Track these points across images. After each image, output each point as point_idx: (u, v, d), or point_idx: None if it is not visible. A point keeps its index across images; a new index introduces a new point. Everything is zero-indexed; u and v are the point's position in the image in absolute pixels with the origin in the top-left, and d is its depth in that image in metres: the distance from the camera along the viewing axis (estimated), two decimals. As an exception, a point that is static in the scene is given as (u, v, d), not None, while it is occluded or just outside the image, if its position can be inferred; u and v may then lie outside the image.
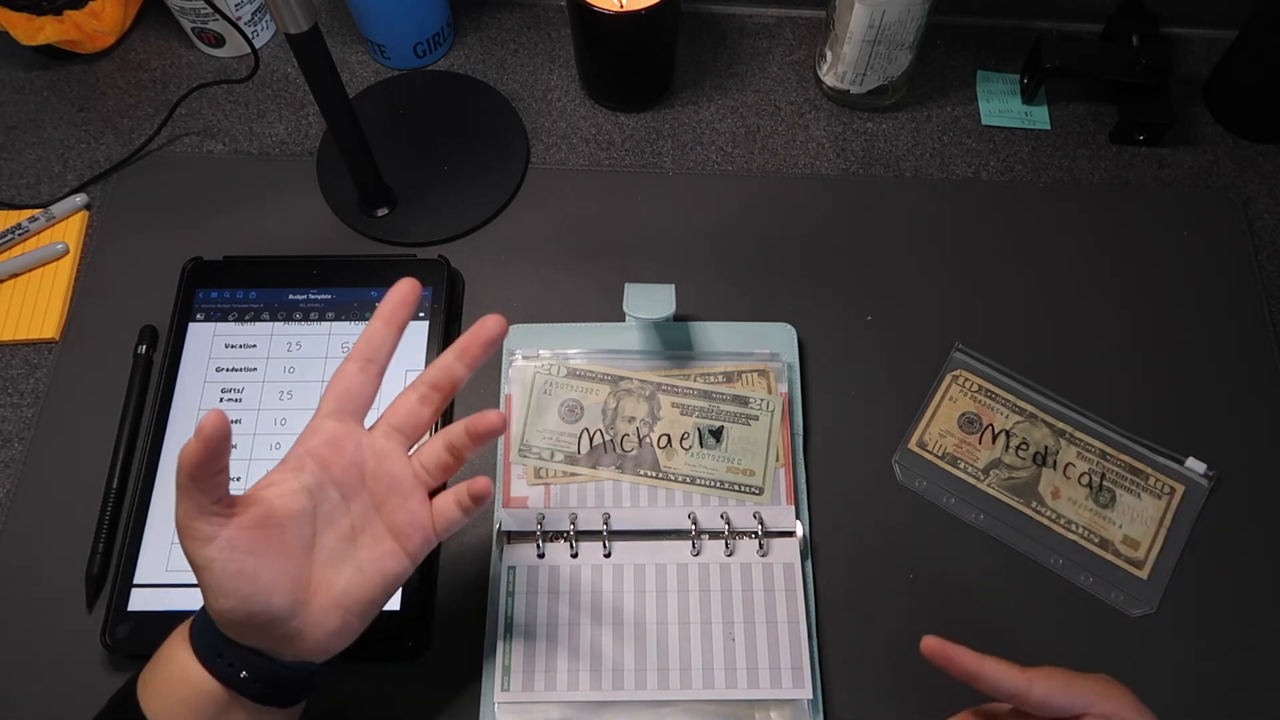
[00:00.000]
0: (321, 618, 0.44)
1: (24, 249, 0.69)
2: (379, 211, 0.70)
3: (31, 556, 0.59)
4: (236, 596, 0.41)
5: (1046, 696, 0.42)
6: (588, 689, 0.54)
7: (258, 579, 0.41)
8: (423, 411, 0.48)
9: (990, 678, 0.43)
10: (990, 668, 0.43)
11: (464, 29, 0.79)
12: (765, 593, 0.57)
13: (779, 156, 0.74)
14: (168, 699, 0.43)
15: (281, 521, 0.43)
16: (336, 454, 0.46)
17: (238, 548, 0.41)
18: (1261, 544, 0.60)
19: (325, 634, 0.44)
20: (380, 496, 0.46)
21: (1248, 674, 0.57)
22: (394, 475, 0.46)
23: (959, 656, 0.43)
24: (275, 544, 0.43)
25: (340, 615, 0.44)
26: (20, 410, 0.64)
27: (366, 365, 0.48)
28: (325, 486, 0.45)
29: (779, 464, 0.60)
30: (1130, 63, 0.71)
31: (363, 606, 0.45)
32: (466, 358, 0.48)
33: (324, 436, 0.46)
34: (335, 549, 0.45)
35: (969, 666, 0.43)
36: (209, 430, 0.40)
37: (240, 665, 0.42)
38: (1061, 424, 0.63)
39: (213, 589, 0.41)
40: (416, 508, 0.46)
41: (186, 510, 0.41)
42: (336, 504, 0.45)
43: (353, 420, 0.47)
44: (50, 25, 0.73)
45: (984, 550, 0.60)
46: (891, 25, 0.67)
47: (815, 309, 0.67)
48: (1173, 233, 0.70)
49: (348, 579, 0.45)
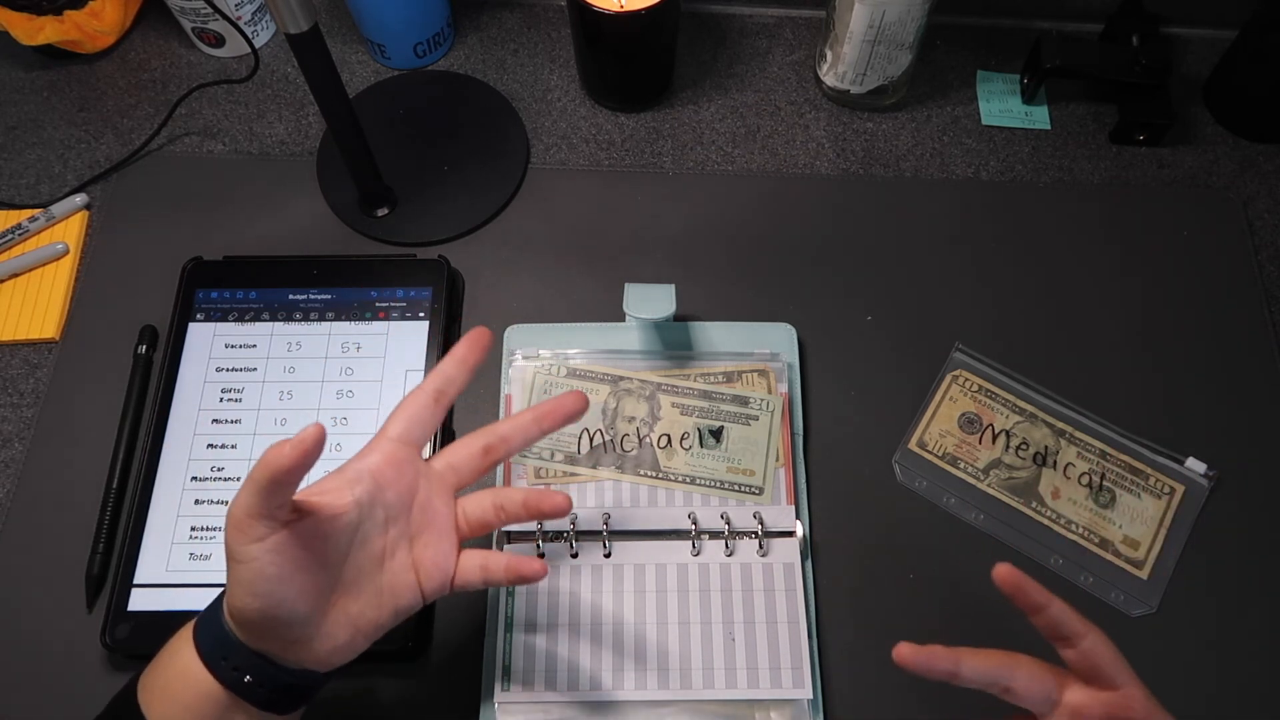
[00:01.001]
0: (333, 630, 0.44)
1: (24, 249, 0.69)
2: (379, 211, 0.70)
3: (31, 556, 0.59)
4: (266, 599, 0.41)
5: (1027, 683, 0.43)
6: (588, 689, 0.54)
7: (291, 585, 0.41)
8: (482, 462, 0.49)
9: (971, 673, 0.43)
10: (970, 661, 0.43)
11: (464, 29, 0.79)
12: (765, 593, 0.57)
13: (779, 156, 0.74)
14: (169, 702, 0.43)
15: (326, 534, 0.43)
16: (396, 477, 0.46)
17: (282, 554, 0.41)
18: (1261, 544, 0.60)
19: (332, 647, 0.44)
20: (418, 528, 0.47)
21: (1248, 674, 0.57)
22: (438, 512, 0.47)
23: (936, 657, 0.43)
24: (316, 555, 0.43)
25: (350, 632, 0.44)
26: (20, 410, 0.64)
27: (439, 396, 0.48)
28: (374, 505, 0.45)
29: (779, 464, 0.60)
30: (1130, 63, 0.71)
31: (371, 629, 0.45)
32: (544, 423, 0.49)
33: (386, 457, 0.46)
34: (363, 568, 0.45)
35: (946, 667, 0.43)
36: (311, 441, 0.39)
37: (245, 669, 0.42)
38: (1061, 424, 0.63)
39: (245, 585, 0.41)
40: (447, 550, 0.47)
41: (248, 506, 0.40)
42: (378, 525, 0.46)
43: (415, 447, 0.48)
44: (50, 25, 0.73)
45: (984, 550, 0.60)
46: (891, 25, 0.67)
47: (815, 309, 0.67)
48: (1173, 233, 0.70)
49: (364, 602, 0.45)
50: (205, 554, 0.58)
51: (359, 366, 0.63)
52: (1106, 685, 0.43)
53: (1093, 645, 0.43)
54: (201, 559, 0.58)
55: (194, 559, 0.58)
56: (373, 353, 0.64)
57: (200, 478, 0.60)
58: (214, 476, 0.60)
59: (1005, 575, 0.43)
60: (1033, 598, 0.43)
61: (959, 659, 0.43)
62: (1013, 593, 0.44)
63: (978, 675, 0.43)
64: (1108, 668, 0.43)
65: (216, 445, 0.61)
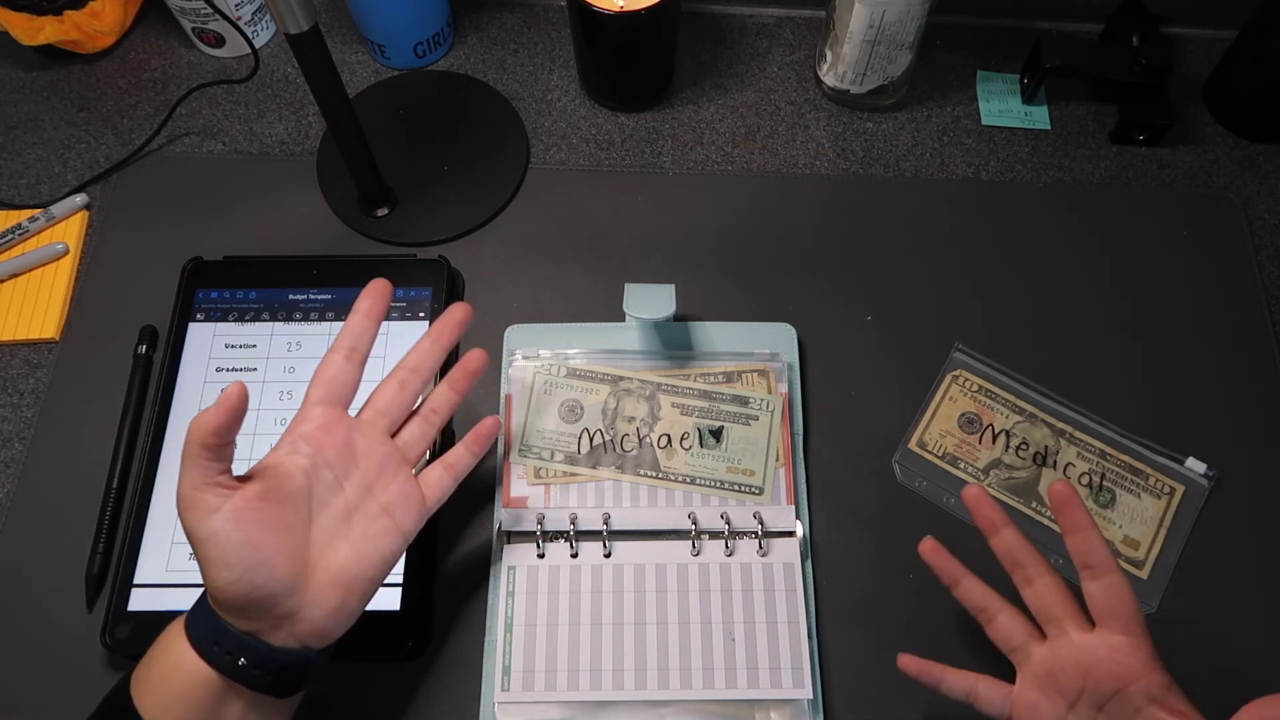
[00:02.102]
0: (320, 595, 0.44)
1: (24, 249, 0.69)
2: (379, 211, 0.70)
3: (31, 556, 0.59)
4: (241, 567, 0.41)
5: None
6: (588, 689, 0.54)
7: (261, 548, 0.42)
8: (404, 396, 0.51)
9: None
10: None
11: (464, 29, 0.79)
12: (765, 593, 0.57)
13: (779, 156, 0.74)
14: (163, 694, 0.43)
15: (281, 499, 0.45)
16: (329, 437, 0.48)
17: (242, 518, 0.42)
18: (1261, 544, 0.60)
19: (324, 613, 0.44)
20: (371, 476, 0.48)
21: (1248, 674, 0.57)
22: (381, 454, 0.49)
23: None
24: (276, 518, 0.44)
25: (339, 593, 0.45)
26: (20, 410, 0.64)
27: (350, 354, 0.50)
28: (319, 468, 0.47)
29: (779, 464, 0.60)
30: (1130, 63, 0.71)
31: (361, 584, 0.46)
32: (443, 339, 0.53)
33: (315, 422, 0.48)
34: (331, 528, 0.46)
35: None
36: (235, 399, 0.42)
37: (238, 652, 0.42)
38: (1061, 424, 0.63)
39: (216, 561, 0.42)
40: (404, 481, 0.49)
41: (192, 480, 0.42)
42: (330, 485, 0.47)
43: (340, 406, 0.50)
44: (50, 25, 0.73)
45: (984, 550, 0.60)
46: (891, 25, 0.67)
47: (815, 309, 0.67)
48: (1173, 233, 0.70)
49: (345, 556, 0.46)
50: (205, 554, 0.58)
51: (359, 366, 0.63)
52: (1119, 629, 0.45)
53: (1116, 584, 0.45)
54: (201, 559, 0.58)
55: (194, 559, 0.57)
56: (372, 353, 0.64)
57: (200, 478, 0.60)
58: (214, 476, 0.60)
59: (1061, 489, 0.47)
60: (1078, 516, 0.46)
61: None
62: (1062, 506, 0.47)
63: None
64: (1124, 612, 0.45)
65: (216, 445, 0.61)
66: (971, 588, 0.49)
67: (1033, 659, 0.47)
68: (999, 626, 0.48)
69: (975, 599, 0.49)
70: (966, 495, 0.50)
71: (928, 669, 0.49)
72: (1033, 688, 0.46)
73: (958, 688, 0.48)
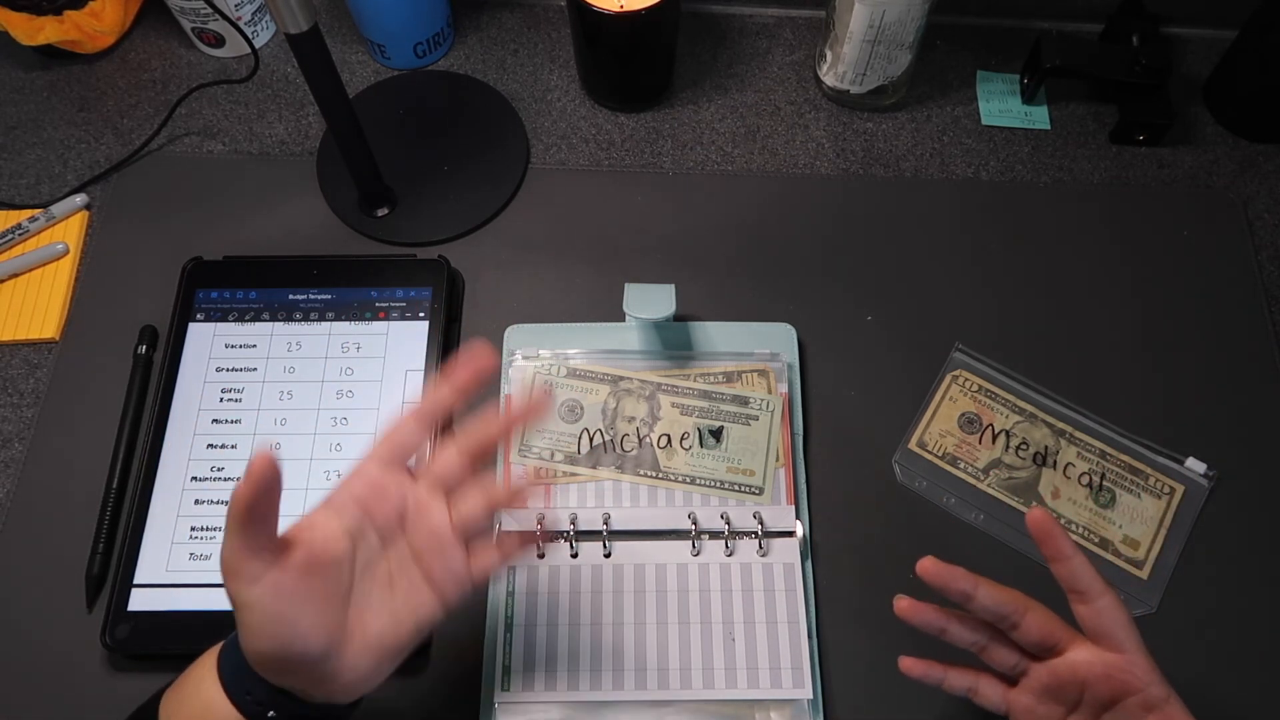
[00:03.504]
0: (355, 661, 0.43)
1: (24, 249, 0.69)
2: (379, 211, 0.70)
3: (31, 556, 0.59)
4: (276, 640, 0.41)
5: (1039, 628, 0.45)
6: (588, 689, 0.54)
7: (297, 624, 0.41)
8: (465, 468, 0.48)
9: (985, 600, 0.45)
10: (985, 589, 0.45)
11: (464, 29, 0.79)
12: (765, 593, 0.57)
13: (779, 156, 0.74)
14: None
15: (324, 566, 0.43)
16: (380, 501, 0.46)
17: (282, 592, 0.41)
18: (1261, 544, 0.60)
19: (358, 677, 0.44)
20: (418, 547, 0.46)
21: (1248, 674, 0.57)
22: (434, 528, 0.46)
23: (956, 578, 0.46)
24: (317, 589, 0.42)
25: (374, 659, 0.44)
26: (20, 410, 0.64)
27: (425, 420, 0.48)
28: (366, 531, 0.45)
29: (779, 464, 0.60)
30: (1130, 63, 0.71)
31: (395, 651, 0.45)
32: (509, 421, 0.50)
33: (369, 482, 0.46)
34: (372, 594, 0.45)
35: (964, 587, 0.45)
36: (257, 474, 0.39)
37: (269, 704, 0.42)
38: (1061, 424, 0.63)
39: (253, 630, 0.41)
40: (456, 561, 0.46)
41: (235, 549, 0.40)
42: (375, 550, 0.45)
43: (399, 468, 0.47)
44: (50, 25, 0.73)
45: (984, 550, 0.60)
46: (891, 25, 0.67)
47: (815, 309, 0.67)
48: (1173, 233, 0.70)
49: (383, 624, 0.44)
50: (205, 554, 0.58)
51: (359, 366, 0.63)
52: (1113, 648, 0.44)
53: (1108, 606, 0.44)
54: (201, 559, 0.58)
55: (194, 559, 0.58)
56: (373, 353, 0.64)
57: (200, 478, 0.60)
58: (214, 476, 0.60)
59: (1038, 518, 0.45)
60: (1060, 545, 0.45)
61: (977, 583, 0.45)
62: (1042, 537, 0.45)
63: (992, 603, 0.45)
64: (1118, 631, 0.44)
65: (216, 445, 0.61)
66: (960, 634, 0.47)
67: (1030, 675, 0.46)
68: (993, 654, 0.48)
69: (968, 640, 0.47)
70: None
71: (929, 670, 0.49)
72: (1030, 694, 0.46)
73: (959, 685, 0.48)
